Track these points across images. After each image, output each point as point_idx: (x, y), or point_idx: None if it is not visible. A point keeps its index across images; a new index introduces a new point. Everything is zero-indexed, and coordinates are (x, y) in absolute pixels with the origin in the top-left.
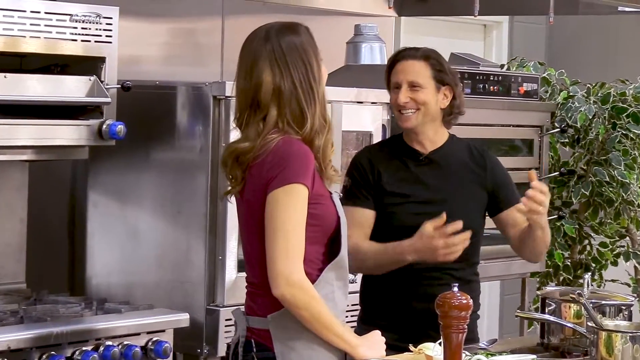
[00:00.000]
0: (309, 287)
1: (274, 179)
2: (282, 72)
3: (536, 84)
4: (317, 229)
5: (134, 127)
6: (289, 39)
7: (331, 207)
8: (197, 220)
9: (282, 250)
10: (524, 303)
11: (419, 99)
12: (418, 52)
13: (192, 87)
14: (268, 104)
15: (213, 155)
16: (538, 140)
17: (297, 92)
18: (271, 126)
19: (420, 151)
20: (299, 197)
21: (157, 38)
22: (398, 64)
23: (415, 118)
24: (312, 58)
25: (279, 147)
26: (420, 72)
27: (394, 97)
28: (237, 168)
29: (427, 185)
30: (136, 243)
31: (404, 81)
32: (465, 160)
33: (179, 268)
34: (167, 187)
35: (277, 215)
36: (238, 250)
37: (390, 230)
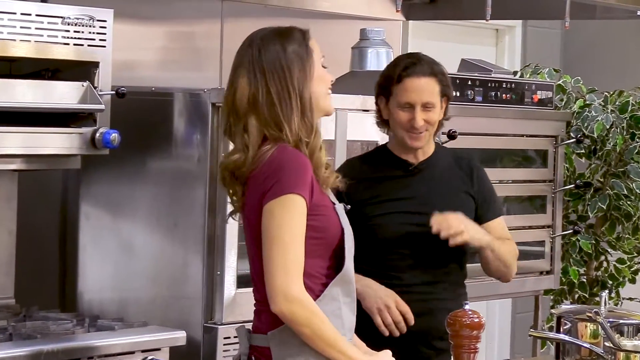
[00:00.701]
0: (308, 303)
1: (269, 191)
2: (257, 77)
3: (551, 91)
4: (319, 242)
5: (128, 135)
6: (272, 46)
7: (334, 218)
8: (194, 233)
9: (280, 265)
10: (537, 322)
11: (432, 119)
12: (426, 67)
13: (189, 93)
14: (246, 113)
15: (211, 165)
16: (553, 151)
17: (272, 101)
18: (256, 136)
19: (410, 161)
20: (295, 208)
21: (153, 42)
22: (408, 80)
23: (425, 138)
24: (294, 66)
25: (274, 157)
26: (434, 92)
27: (403, 117)
28: (235, 184)
29: (415, 195)
30: (130, 257)
31: (418, 102)
32: (453, 168)
33: (176, 283)
34: (163, 199)
35: (272, 229)
36: (237, 265)
37: (375, 243)
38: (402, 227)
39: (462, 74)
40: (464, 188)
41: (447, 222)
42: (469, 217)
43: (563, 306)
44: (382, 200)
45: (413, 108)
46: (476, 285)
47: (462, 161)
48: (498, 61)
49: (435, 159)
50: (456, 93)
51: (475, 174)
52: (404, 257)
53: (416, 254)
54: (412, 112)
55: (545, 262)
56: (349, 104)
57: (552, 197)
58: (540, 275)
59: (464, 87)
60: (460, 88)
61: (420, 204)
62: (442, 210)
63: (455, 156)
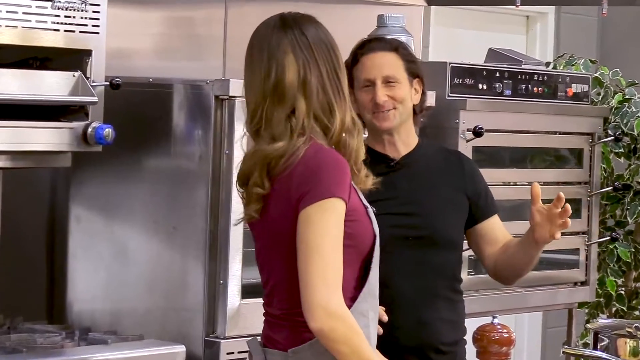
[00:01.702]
0: (349, 318)
1: (307, 194)
2: (309, 61)
3: (587, 85)
4: (352, 250)
5: (123, 130)
6: (311, 27)
7: (367, 223)
8: (195, 238)
9: (320, 277)
10: (571, 337)
11: (397, 95)
12: (386, 43)
13: (190, 85)
14: (294, 96)
15: (214, 164)
16: (588, 150)
17: (324, 84)
18: (302, 122)
19: (391, 156)
20: (335, 213)
21: (151, 28)
22: (365, 57)
23: (394, 116)
24: (336, 47)
25: (309, 157)
26: (394, 65)
27: (365, 97)
28: (265, 177)
29: (400, 195)
30: (125, 264)
31: (378, 77)
32: (441, 164)
33: (174, 293)
34: (161, 200)
35: (311, 237)
36: (242, 274)
37: None
38: (388, 231)
39: (490, 65)
40: (455, 185)
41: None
42: (460, 217)
43: (599, 320)
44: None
45: (374, 85)
46: (503, 297)
47: (451, 155)
48: (529, 51)
49: (419, 153)
50: (483, 86)
51: (468, 169)
52: (392, 264)
53: (404, 260)
54: (374, 89)
55: (580, 272)
56: None
57: (587, 200)
58: (574, 287)
59: (492, 79)
60: (487, 80)
61: (405, 203)
62: (429, 210)
63: (443, 150)
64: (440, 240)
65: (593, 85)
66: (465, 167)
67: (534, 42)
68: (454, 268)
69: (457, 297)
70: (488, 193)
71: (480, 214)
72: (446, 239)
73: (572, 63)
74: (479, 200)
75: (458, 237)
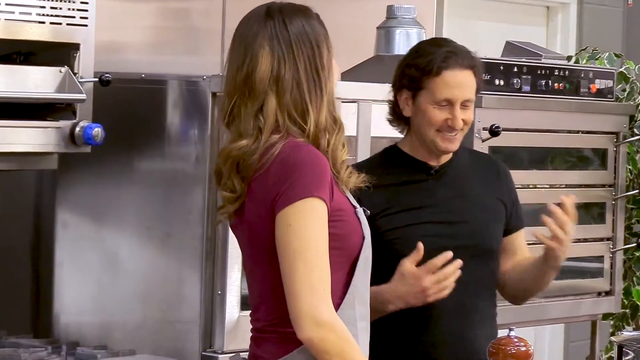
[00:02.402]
0: (341, 328)
1: (283, 195)
2: (284, 54)
3: (611, 80)
4: (339, 253)
5: (114, 130)
6: (295, 19)
7: (355, 224)
8: (191, 245)
9: (305, 284)
10: (595, 351)
11: (468, 118)
12: (465, 59)
13: (186, 81)
14: (265, 91)
15: (212, 165)
16: (613, 150)
17: (300, 81)
18: (272, 121)
19: (430, 164)
20: (316, 214)
21: (144, 20)
22: (449, 73)
23: (459, 139)
24: (323, 44)
25: (285, 154)
26: (472, 87)
27: (439, 115)
28: (235, 177)
29: (440, 203)
30: (115, 274)
31: (459, 98)
32: (477, 170)
33: (168, 305)
34: (155, 205)
35: (292, 241)
36: (242, 284)
37: (393, 262)
38: (428, 240)
39: (507, 59)
40: (494, 192)
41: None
42: (500, 226)
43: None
44: (399, 210)
45: (452, 106)
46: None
47: (485, 160)
48: (549, 44)
49: (456, 160)
50: (500, 82)
51: (503, 174)
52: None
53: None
54: (451, 110)
55: (604, 282)
56: (373, 93)
57: (612, 204)
58: (598, 297)
59: (509, 74)
60: (504, 76)
61: (444, 212)
62: (471, 219)
63: (475, 155)
64: (482, 250)
65: (618, 80)
66: (500, 172)
67: (554, 35)
68: (493, 280)
69: (492, 310)
70: (518, 203)
71: (511, 224)
72: (488, 248)
73: (596, 57)
74: (512, 209)
75: (498, 247)
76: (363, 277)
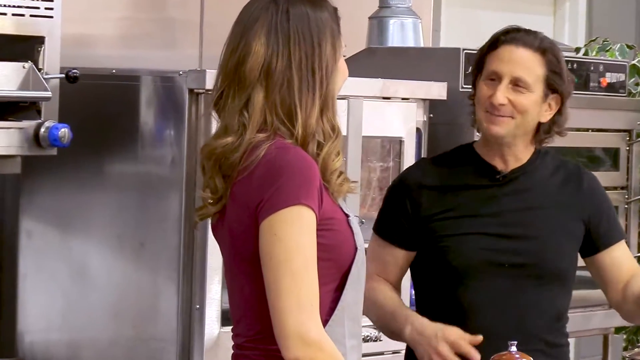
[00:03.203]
0: (330, 348)
1: (267, 201)
2: (279, 47)
3: (623, 73)
4: (329, 265)
5: (82, 130)
6: (301, 8)
7: (347, 233)
8: (167, 256)
9: (292, 299)
10: None
11: (520, 103)
12: (535, 39)
13: (160, 77)
14: (253, 82)
15: (189, 168)
16: (626, 149)
17: (291, 77)
18: (258, 117)
19: (498, 168)
20: (303, 223)
21: (114, 12)
22: (504, 47)
23: (508, 125)
24: (326, 41)
25: (271, 156)
26: (532, 69)
27: (485, 91)
28: (218, 175)
29: (502, 213)
30: (84, 287)
31: (507, 74)
32: (556, 182)
33: (143, 320)
34: (127, 212)
35: (277, 251)
36: (222, 297)
37: (448, 272)
38: (481, 254)
39: None
40: (570, 208)
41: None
42: (573, 246)
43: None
44: (457, 216)
45: (499, 81)
46: None
47: (569, 172)
48: (556, 35)
49: (532, 168)
50: None
51: (587, 188)
52: (481, 293)
53: (496, 290)
54: (497, 86)
55: None
56: (365, 89)
57: (625, 208)
58: (610, 309)
59: None
60: None
61: (507, 224)
62: (535, 234)
63: (562, 165)
64: (544, 271)
65: (631, 74)
66: (584, 185)
67: (562, 24)
68: (560, 306)
69: (560, 340)
70: (611, 216)
71: (602, 241)
72: (552, 270)
73: (607, 48)
74: (600, 225)
75: (567, 270)
76: (354, 291)
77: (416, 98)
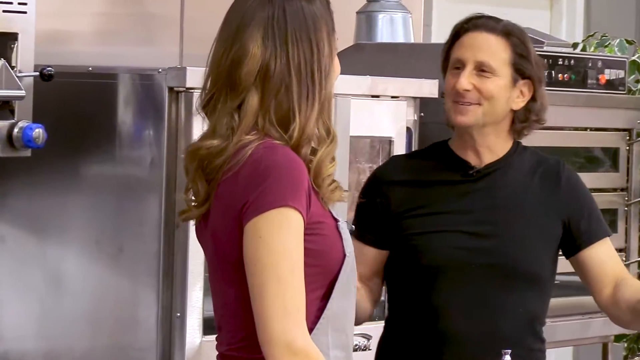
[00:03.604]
0: (317, 356)
1: (253, 202)
2: (278, 50)
3: (623, 70)
4: (316, 271)
5: (57, 131)
6: (297, 4)
7: (336, 239)
8: (146, 261)
9: (277, 305)
10: None
11: (485, 89)
12: (497, 23)
13: (139, 74)
14: (248, 86)
15: (169, 170)
16: (625, 149)
17: (290, 82)
18: (250, 120)
19: (471, 163)
20: (290, 226)
21: (91, 7)
22: (467, 35)
23: (474, 113)
24: (324, 40)
25: (259, 155)
26: (496, 53)
27: (450, 80)
28: (200, 178)
29: (474, 210)
30: (60, 294)
31: (470, 60)
32: (533, 178)
33: (121, 329)
34: (105, 216)
35: (263, 255)
36: (204, 305)
37: (417, 271)
38: (451, 253)
39: None
40: (548, 207)
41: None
42: (548, 246)
43: None
44: (427, 213)
45: (463, 68)
46: None
47: (548, 167)
48: (553, 30)
49: (508, 163)
50: None
51: (566, 185)
52: (451, 295)
53: (466, 292)
54: (461, 73)
55: None
56: (353, 87)
57: (624, 211)
58: None
59: None
60: None
61: (479, 222)
62: (508, 233)
63: (541, 160)
64: (516, 273)
65: (631, 70)
66: (562, 182)
67: (559, 19)
68: (534, 309)
69: (534, 344)
70: (593, 213)
71: (583, 239)
72: (524, 271)
73: (605, 44)
74: (580, 223)
75: (541, 271)
76: (342, 300)
77: (406, 96)
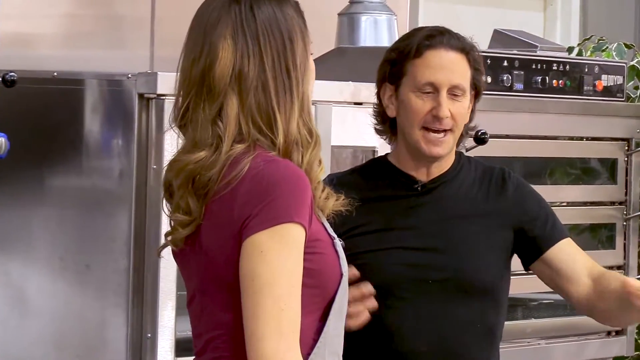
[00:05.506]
0: None
1: (255, 217)
2: (250, 49)
3: (621, 76)
4: (314, 292)
5: (20, 140)
6: (268, 7)
7: (333, 258)
8: (114, 279)
9: (272, 325)
10: None
11: (458, 113)
12: (459, 41)
13: (107, 80)
14: (224, 89)
15: (138, 182)
16: (624, 160)
17: (266, 82)
18: (233, 127)
19: (416, 178)
20: (292, 243)
21: (57, 8)
22: (432, 52)
23: (447, 143)
24: (297, 35)
25: (258, 169)
26: (464, 73)
27: (422, 105)
28: (190, 195)
29: (421, 225)
30: (24, 314)
31: (444, 84)
32: (480, 188)
33: (88, 351)
34: (70, 230)
35: (262, 272)
36: (176, 325)
37: None
38: (400, 270)
39: (495, 51)
40: (496, 217)
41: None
42: (499, 257)
43: None
44: (372, 230)
45: (437, 93)
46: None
47: (494, 177)
48: (547, 34)
49: (453, 175)
50: (487, 78)
51: (513, 194)
52: (405, 313)
53: (420, 309)
54: (436, 97)
55: None
56: (334, 93)
57: (623, 225)
58: (607, 337)
59: (498, 69)
60: (492, 71)
61: (426, 236)
62: (457, 247)
63: (486, 170)
64: (467, 286)
65: (629, 76)
66: (509, 191)
67: (553, 22)
68: (490, 322)
69: (492, 357)
70: (549, 217)
71: (542, 242)
72: (476, 284)
73: (603, 48)
74: (535, 229)
75: (493, 282)
76: (337, 322)
77: None
